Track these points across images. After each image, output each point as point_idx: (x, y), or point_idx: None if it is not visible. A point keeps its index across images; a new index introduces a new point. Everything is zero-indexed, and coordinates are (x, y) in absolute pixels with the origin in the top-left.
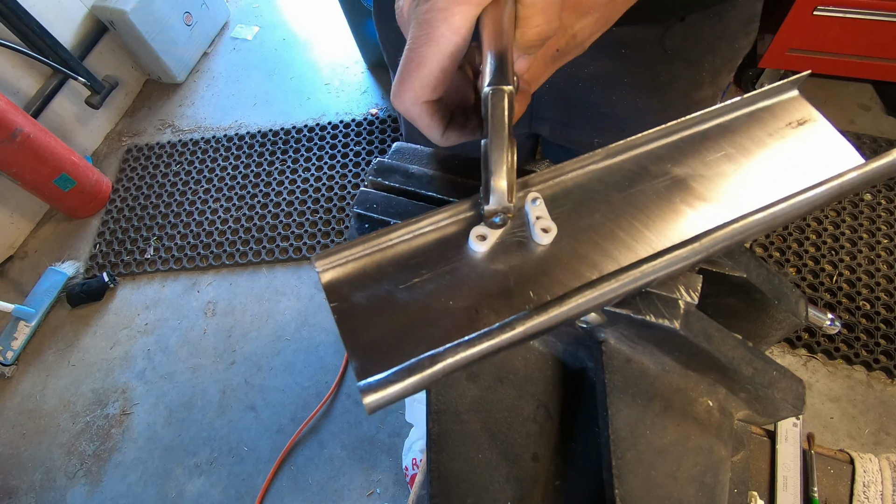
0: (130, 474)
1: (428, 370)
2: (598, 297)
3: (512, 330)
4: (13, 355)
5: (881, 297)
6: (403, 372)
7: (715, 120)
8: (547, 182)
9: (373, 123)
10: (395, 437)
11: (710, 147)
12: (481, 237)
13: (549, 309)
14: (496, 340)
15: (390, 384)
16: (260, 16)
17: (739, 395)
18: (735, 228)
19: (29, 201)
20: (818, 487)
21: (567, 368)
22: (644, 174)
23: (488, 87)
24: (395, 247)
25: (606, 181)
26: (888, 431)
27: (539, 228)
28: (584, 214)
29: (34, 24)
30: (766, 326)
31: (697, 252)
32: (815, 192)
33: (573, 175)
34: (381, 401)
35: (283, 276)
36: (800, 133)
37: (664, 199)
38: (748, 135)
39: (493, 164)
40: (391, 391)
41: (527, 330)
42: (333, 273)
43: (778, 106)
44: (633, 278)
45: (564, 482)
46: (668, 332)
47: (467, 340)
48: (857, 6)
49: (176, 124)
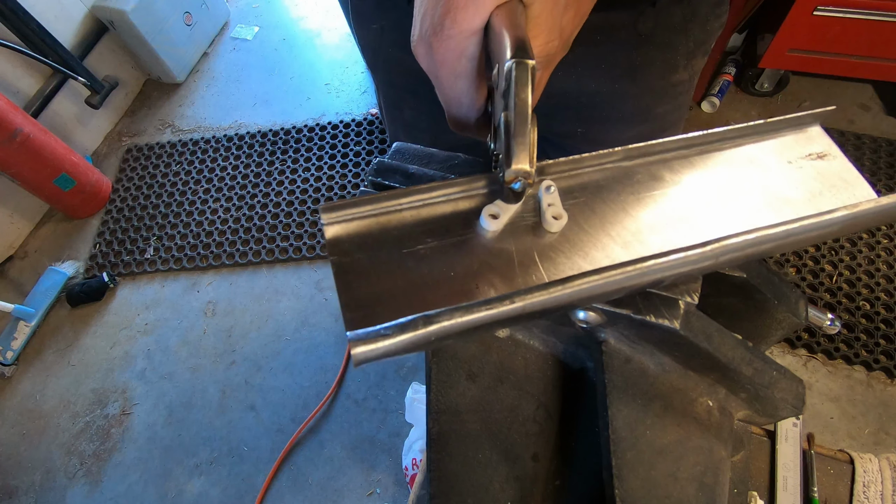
0: (130, 474)
1: (421, 330)
2: (599, 285)
3: (511, 303)
4: (13, 355)
5: (881, 297)
6: (396, 328)
7: (735, 140)
8: (563, 172)
9: (373, 123)
10: (395, 437)
11: (728, 165)
12: (493, 216)
13: (550, 289)
14: (493, 311)
15: (381, 338)
16: (260, 16)
17: (739, 395)
18: (746, 240)
19: (29, 201)
20: (818, 487)
21: (567, 368)
22: (660, 182)
23: (511, 60)
24: (404, 212)
25: (622, 182)
26: (888, 431)
27: (550, 215)
28: (597, 210)
29: (34, 24)
30: (766, 326)
31: (702, 259)
32: (828, 218)
33: (589, 170)
34: (370, 353)
35: (283, 276)
36: (819, 165)
37: (676, 208)
38: (767, 158)
39: (517, 129)
40: (381, 345)
41: (525, 306)
42: (338, 227)
43: (799, 136)
44: (638, 272)
45: (564, 482)
46: (668, 332)
47: (465, 307)
48: (857, 6)
49: (176, 124)
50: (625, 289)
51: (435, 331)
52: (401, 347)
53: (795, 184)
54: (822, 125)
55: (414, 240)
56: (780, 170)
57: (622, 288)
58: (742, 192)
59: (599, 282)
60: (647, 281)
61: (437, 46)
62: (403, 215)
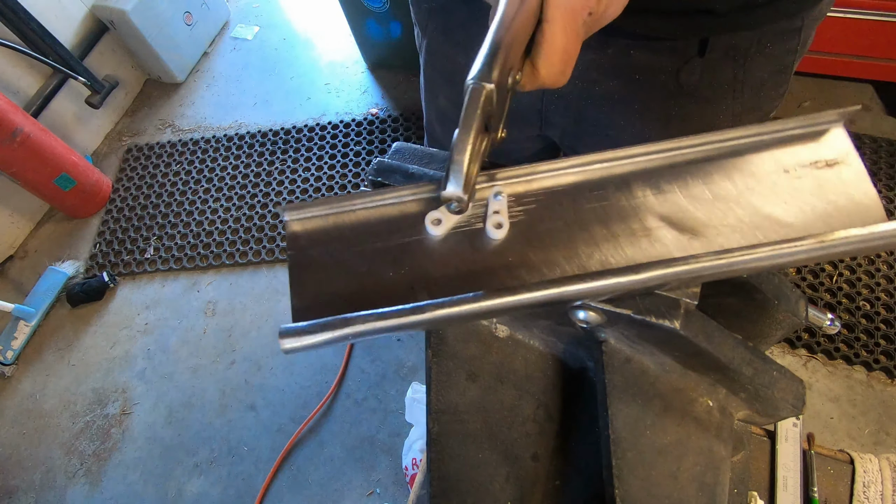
0: (130, 474)
1: (339, 330)
2: (512, 303)
3: (420, 314)
4: (13, 355)
5: (881, 297)
6: (319, 326)
7: (722, 143)
8: (516, 179)
9: (373, 123)
10: (395, 437)
11: (711, 174)
12: (436, 221)
13: (461, 303)
14: (403, 320)
15: (306, 334)
16: (260, 16)
17: (739, 395)
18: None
19: (29, 201)
20: (818, 487)
21: (567, 368)
22: (624, 190)
23: (471, 81)
24: (357, 213)
25: (580, 190)
26: (888, 431)
27: (492, 223)
28: (546, 218)
29: (34, 24)
30: (766, 326)
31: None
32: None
33: (545, 176)
34: (296, 346)
35: (283, 276)
36: (824, 175)
37: (636, 220)
38: (759, 167)
39: (456, 154)
40: (305, 341)
41: (434, 317)
42: (298, 225)
43: (810, 138)
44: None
45: (564, 482)
46: (668, 332)
47: (378, 313)
48: (857, 6)
49: (176, 124)
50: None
51: (351, 332)
52: (321, 342)
53: (789, 198)
54: (846, 127)
55: (363, 239)
56: (773, 181)
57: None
58: (721, 206)
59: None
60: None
61: None
62: (357, 215)
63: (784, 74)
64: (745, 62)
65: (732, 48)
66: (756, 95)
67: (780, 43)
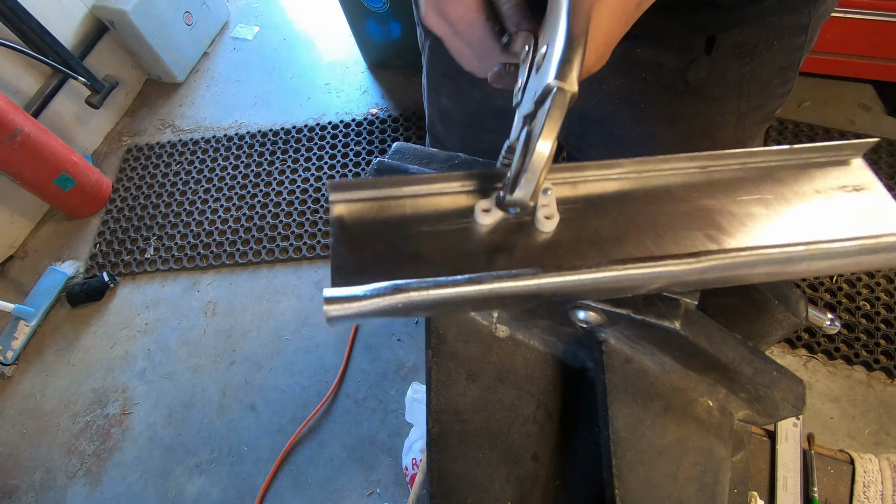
0: (130, 474)
1: (389, 297)
2: (574, 282)
3: (478, 284)
4: (13, 355)
5: (881, 297)
6: (369, 293)
7: (756, 161)
8: (564, 176)
9: (373, 123)
10: (395, 437)
11: (747, 188)
12: (486, 210)
13: (521, 277)
14: (461, 289)
15: (354, 301)
16: (260, 16)
17: (739, 395)
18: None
19: (29, 201)
20: (818, 487)
21: (567, 368)
22: (667, 195)
23: (554, 81)
24: (404, 199)
25: (626, 192)
26: (888, 431)
27: (542, 214)
28: (593, 217)
29: (34, 24)
30: (766, 326)
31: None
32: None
33: (593, 176)
34: (342, 313)
35: (283, 276)
36: (852, 197)
37: (681, 222)
38: (792, 185)
39: (532, 162)
40: (352, 308)
41: (493, 289)
42: (342, 206)
43: (833, 165)
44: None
45: (564, 482)
46: (668, 332)
47: (434, 282)
48: (857, 6)
49: (176, 124)
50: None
51: (402, 299)
52: (370, 311)
53: (822, 214)
54: (864, 159)
55: (409, 224)
56: (806, 198)
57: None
58: (758, 217)
59: (571, 279)
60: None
61: (447, 10)
62: (403, 202)
63: (790, 72)
64: (751, 60)
65: (739, 46)
66: (762, 93)
67: (786, 40)
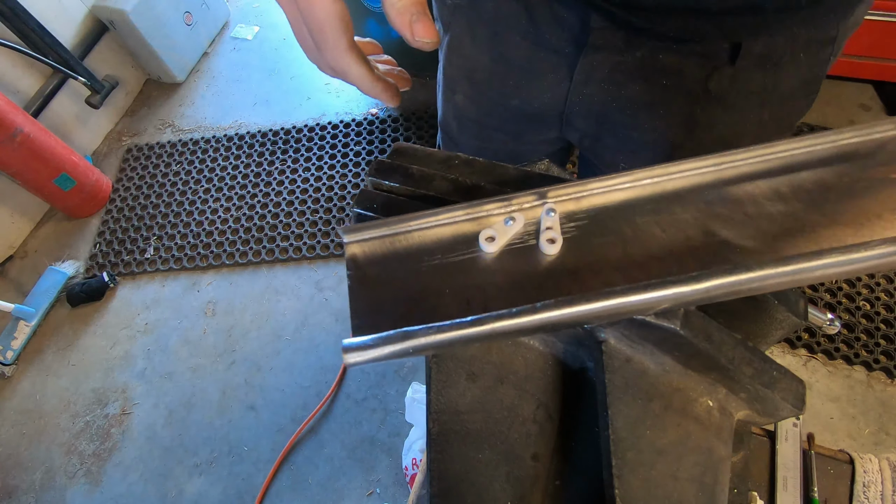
0: (130, 474)
1: (399, 343)
2: (575, 313)
3: (480, 326)
4: (13, 355)
5: (881, 297)
6: (381, 340)
7: (780, 154)
8: (568, 195)
9: (373, 123)
10: (395, 437)
11: (764, 187)
12: (490, 238)
13: (522, 315)
14: (462, 332)
15: (369, 349)
16: (260, 16)
17: (739, 395)
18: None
19: (29, 201)
20: (818, 487)
21: (567, 368)
22: (676, 204)
23: None
24: (412, 233)
25: (633, 205)
26: (888, 431)
27: (545, 239)
28: (598, 234)
29: (34, 24)
30: (766, 326)
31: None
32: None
33: (597, 190)
34: (359, 360)
35: (283, 276)
36: None
37: (691, 237)
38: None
39: None
40: (368, 355)
41: (494, 329)
42: (356, 247)
43: (877, 145)
44: (620, 304)
45: (564, 482)
46: (668, 332)
47: (438, 326)
48: None
49: (176, 124)
50: (603, 318)
51: (411, 345)
52: (383, 356)
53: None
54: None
55: (419, 258)
56: (845, 194)
57: (598, 317)
58: (781, 226)
59: (570, 311)
60: (630, 311)
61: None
62: (412, 236)
63: (814, 84)
64: (775, 72)
65: (764, 57)
66: (784, 105)
67: (813, 53)
